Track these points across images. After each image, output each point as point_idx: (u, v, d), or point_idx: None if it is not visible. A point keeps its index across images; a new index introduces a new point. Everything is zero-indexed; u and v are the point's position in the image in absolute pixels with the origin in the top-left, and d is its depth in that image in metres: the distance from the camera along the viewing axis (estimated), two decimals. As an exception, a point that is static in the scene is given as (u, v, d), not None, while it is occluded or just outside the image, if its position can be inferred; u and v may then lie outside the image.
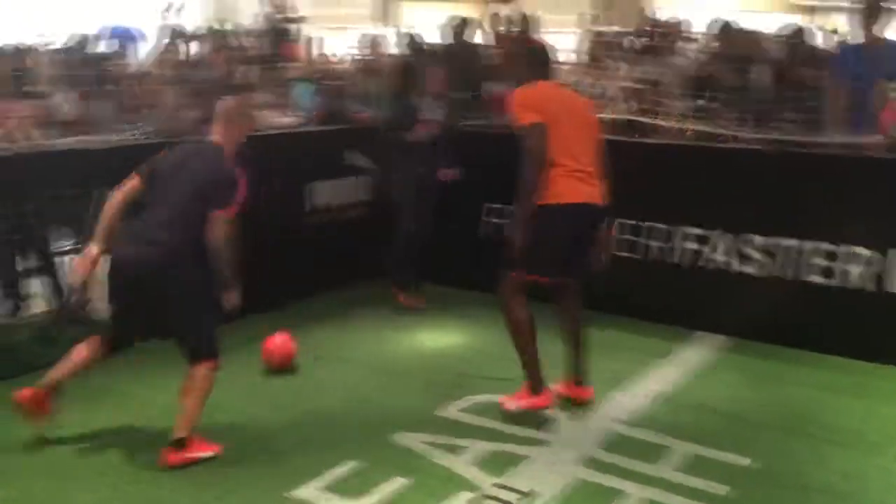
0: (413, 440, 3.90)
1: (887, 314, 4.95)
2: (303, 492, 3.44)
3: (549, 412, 4.22)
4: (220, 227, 3.65)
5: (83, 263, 3.71)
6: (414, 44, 7.35)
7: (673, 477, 3.63)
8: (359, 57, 7.99)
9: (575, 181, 4.03)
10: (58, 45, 7.37)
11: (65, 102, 5.64)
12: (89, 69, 6.20)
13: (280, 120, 6.35)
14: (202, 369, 3.68)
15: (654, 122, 5.79)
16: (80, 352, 3.79)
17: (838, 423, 4.23)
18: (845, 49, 5.96)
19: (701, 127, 5.63)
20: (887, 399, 4.54)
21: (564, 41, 7.86)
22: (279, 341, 4.79)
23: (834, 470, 3.72)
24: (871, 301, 4.98)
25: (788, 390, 4.64)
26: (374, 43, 7.80)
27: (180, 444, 3.62)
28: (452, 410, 4.26)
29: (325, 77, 7.38)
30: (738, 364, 5.02)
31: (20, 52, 6.29)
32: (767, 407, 4.43)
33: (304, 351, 4.84)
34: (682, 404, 4.43)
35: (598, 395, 4.45)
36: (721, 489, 3.52)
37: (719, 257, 5.46)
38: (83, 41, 7.13)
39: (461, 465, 3.68)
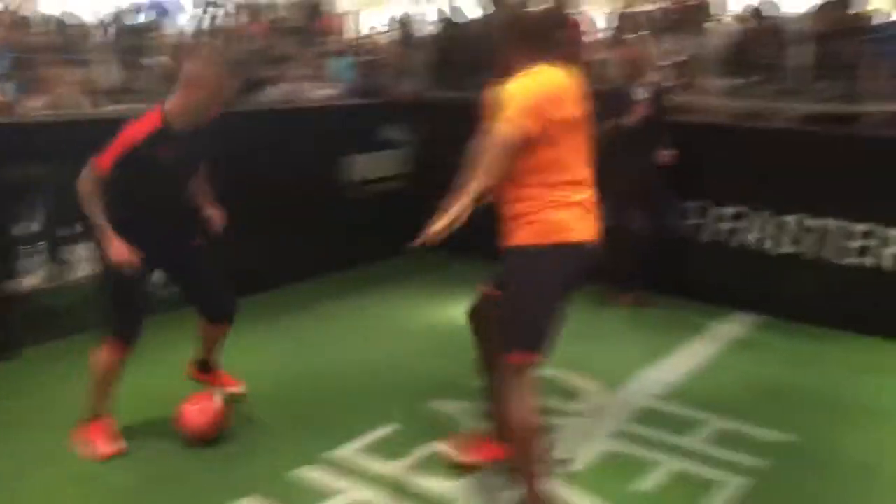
0: (449, 407, 3.99)
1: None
2: (342, 452, 3.56)
3: (583, 384, 4.29)
4: (84, 175, 3.36)
5: None
6: (452, 20, 7.37)
7: (705, 449, 3.68)
8: (396, 33, 8.04)
9: (580, 211, 2.94)
10: (99, 18, 7.51)
11: (110, 72, 5.75)
12: (131, 40, 6.31)
13: (318, 93, 6.42)
14: (98, 349, 3.52)
15: (690, 100, 5.78)
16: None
17: (875, 402, 4.24)
18: (889, 24, 5.92)
19: (742, 103, 5.62)
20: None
21: (598, 20, 7.85)
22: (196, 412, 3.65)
23: (869, 447, 3.74)
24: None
25: (824, 369, 4.66)
26: (408, 20, 7.84)
27: (84, 422, 3.57)
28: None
29: (364, 52, 7.45)
30: (773, 342, 5.04)
31: (65, 23, 6.41)
32: (803, 385, 4.45)
33: (343, 322, 4.95)
34: (715, 380, 4.47)
35: (632, 369, 4.52)
36: (753, 461, 3.56)
37: (756, 236, 5.47)
38: (120, 14, 7.28)
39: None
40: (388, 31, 8.50)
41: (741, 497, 3.30)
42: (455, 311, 5.54)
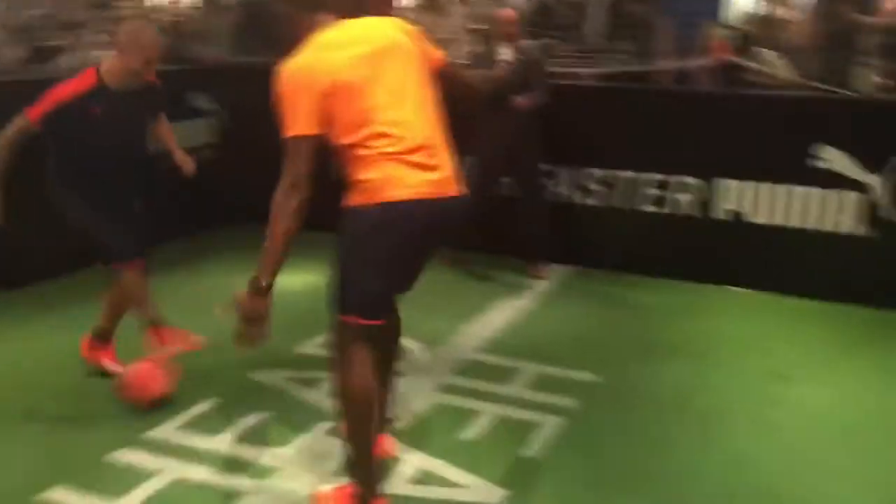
0: (272, 377, 3.93)
1: (713, 238, 5.36)
2: (160, 432, 3.41)
3: (405, 345, 4.33)
4: (12, 124, 3.58)
5: None
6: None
7: (523, 394, 3.84)
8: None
9: (406, 166, 2.63)
10: None
11: None
12: None
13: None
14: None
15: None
16: None
17: (683, 341, 4.56)
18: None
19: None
20: (716, 315, 4.96)
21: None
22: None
23: (678, 384, 4.03)
24: (697, 226, 5.38)
25: (636, 313, 4.98)
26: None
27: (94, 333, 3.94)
28: (311, 346, 4.30)
29: (163, 16, 7.09)
30: (583, 291, 5.31)
31: None
32: (616, 329, 4.74)
33: (162, 297, 4.71)
34: (533, 330, 4.67)
35: (452, 327, 4.62)
36: (569, 402, 3.75)
37: (563, 191, 5.72)
38: None
39: (320, 396, 3.73)
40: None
41: (559, 435, 3.47)
42: (280, 280, 5.44)
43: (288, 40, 2.74)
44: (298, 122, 2.56)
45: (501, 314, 4.89)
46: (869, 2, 5.47)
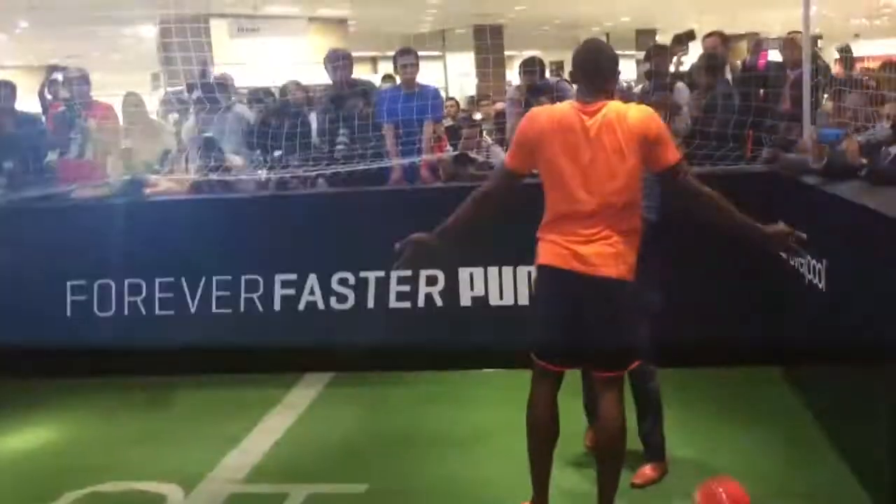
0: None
1: (460, 324, 5.51)
2: None
3: (159, 489, 4.02)
4: None
5: None
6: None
7: (294, 522, 3.66)
8: None
9: (556, 235, 3.25)
10: None
11: None
12: None
13: None
14: None
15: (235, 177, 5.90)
16: None
17: (436, 431, 4.59)
18: (389, 93, 6.54)
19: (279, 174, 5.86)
20: (471, 401, 5.02)
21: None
22: None
23: (434, 475, 4.04)
24: (442, 315, 5.51)
25: (393, 410, 4.95)
26: None
27: None
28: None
29: None
30: (345, 397, 5.21)
31: None
32: (376, 431, 4.67)
33: None
34: (296, 448, 4.49)
35: (212, 459, 4.34)
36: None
37: (313, 298, 5.66)
38: None
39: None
40: None
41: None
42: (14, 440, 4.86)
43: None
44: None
45: (260, 437, 4.65)
46: (565, 94, 5.95)
